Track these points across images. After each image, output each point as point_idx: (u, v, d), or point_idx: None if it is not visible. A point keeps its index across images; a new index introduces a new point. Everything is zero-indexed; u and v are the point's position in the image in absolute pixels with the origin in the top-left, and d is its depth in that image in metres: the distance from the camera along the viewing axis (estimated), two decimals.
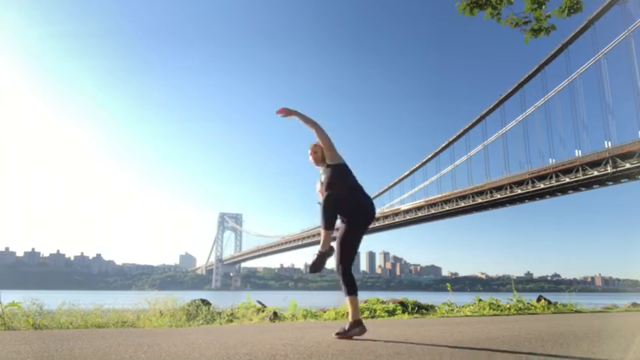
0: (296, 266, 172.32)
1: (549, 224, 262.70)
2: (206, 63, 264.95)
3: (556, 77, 38.15)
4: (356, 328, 3.38)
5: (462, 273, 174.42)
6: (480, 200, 40.98)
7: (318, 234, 57.51)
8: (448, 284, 8.11)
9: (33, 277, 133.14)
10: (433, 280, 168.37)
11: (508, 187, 38.37)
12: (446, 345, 3.17)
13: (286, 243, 79.31)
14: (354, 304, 3.40)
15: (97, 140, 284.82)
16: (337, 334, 3.38)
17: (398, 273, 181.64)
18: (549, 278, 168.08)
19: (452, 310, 6.86)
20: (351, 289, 3.39)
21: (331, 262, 3.59)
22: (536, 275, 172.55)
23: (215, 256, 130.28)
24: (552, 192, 36.58)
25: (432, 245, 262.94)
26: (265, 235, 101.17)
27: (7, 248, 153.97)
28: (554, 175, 34.61)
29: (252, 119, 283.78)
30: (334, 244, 3.54)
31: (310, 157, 3.70)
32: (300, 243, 73.45)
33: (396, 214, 50.77)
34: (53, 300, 5.23)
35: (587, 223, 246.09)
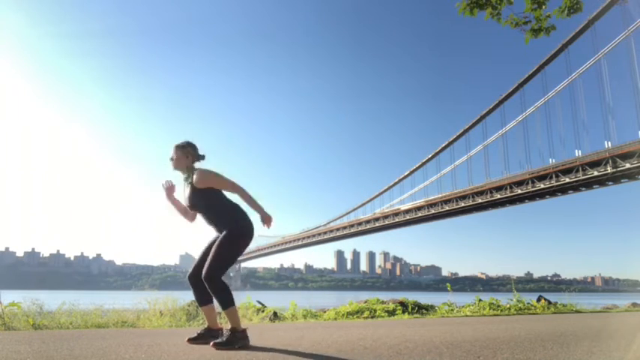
0: (296, 266, 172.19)
1: (549, 224, 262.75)
2: (206, 63, 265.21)
3: (556, 77, 38.20)
4: (241, 338, 2.95)
5: (462, 273, 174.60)
6: (480, 200, 40.96)
7: (318, 234, 56.87)
8: (448, 284, 8.11)
9: (33, 277, 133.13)
10: (433, 280, 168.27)
11: (508, 187, 38.35)
12: (446, 345, 3.17)
13: (286, 243, 79.27)
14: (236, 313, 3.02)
15: (97, 140, 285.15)
16: (215, 343, 2.89)
17: (398, 273, 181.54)
18: (549, 278, 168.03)
19: (452, 310, 6.86)
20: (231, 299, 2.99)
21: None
22: (536, 275, 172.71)
23: None
24: (552, 192, 36.55)
25: (432, 245, 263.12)
26: (265, 235, 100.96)
27: (7, 248, 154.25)
28: (554, 175, 34.59)
29: (252, 119, 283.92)
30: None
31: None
32: (300, 243, 73.43)
33: (396, 214, 50.75)
34: (53, 300, 5.22)
35: (587, 223, 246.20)
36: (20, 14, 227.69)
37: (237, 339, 2.91)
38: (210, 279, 2.93)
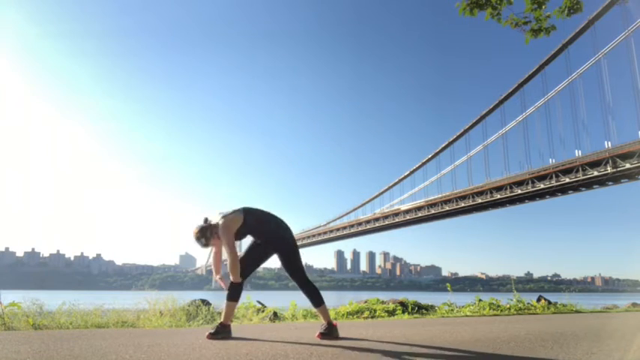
0: None
1: (549, 224, 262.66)
2: (206, 63, 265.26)
3: (556, 77, 38.17)
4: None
5: (462, 273, 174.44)
6: (480, 200, 40.94)
7: (318, 234, 56.63)
8: (448, 284, 8.09)
9: (33, 277, 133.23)
10: (433, 280, 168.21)
11: (508, 187, 38.33)
12: (446, 345, 3.17)
13: None
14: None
15: (97, 140, 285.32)
16: (321, 333, 3.48)
17: (398, 273, 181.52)
18: (549, 278, 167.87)
19: (452, 310, 6.86)
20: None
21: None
22: (536, 275, 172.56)
23: None
24: (552, 192, 36.53)
25: (432, 245, 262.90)
26: None
27: (7, 248, 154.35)
28: (554, 175, 34.57)
29: (252, 119, 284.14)
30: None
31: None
32: (299, 243, 72.95)
33: (396, 214, 50.73)
34: (53, 300, 5.22)
35: (587, 223, 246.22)
36: (20, 13, 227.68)
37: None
38: None
